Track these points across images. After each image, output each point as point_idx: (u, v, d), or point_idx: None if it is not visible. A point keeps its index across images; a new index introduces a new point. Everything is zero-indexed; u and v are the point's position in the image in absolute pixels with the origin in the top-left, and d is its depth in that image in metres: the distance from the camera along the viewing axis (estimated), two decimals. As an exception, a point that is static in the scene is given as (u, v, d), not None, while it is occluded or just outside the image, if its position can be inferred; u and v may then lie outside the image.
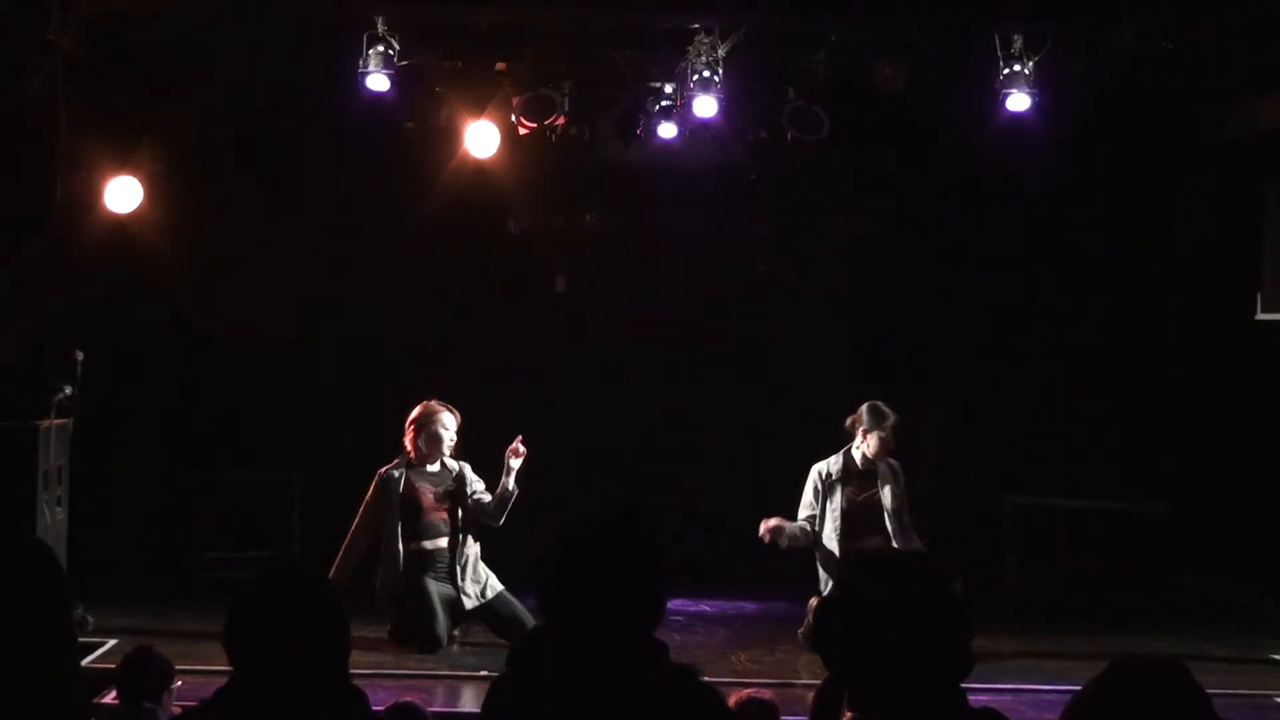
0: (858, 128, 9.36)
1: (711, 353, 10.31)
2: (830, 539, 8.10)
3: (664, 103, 9.19)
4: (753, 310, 10.29)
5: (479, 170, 9.55)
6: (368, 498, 8.05)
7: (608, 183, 10.11)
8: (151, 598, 8.82)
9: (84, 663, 6.81)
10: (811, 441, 8.80)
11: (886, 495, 8.04)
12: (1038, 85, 8.57)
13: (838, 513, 8.09)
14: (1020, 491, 9.74)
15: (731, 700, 4.66)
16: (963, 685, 2.71)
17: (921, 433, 9.16)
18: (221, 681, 2.91)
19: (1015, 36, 8.53)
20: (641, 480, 9.86)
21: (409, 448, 8.01)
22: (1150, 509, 9.58)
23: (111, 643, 7.59)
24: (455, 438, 8.02)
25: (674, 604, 8.99)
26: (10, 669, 2.82)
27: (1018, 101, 8.61)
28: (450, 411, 8.01)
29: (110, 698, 5.35)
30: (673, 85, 9.06)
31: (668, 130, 9.31)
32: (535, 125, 9.16)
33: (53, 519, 8.11)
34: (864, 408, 8.09)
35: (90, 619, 7.91)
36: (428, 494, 7.97)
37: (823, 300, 9.83)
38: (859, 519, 8.07)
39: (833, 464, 8.17)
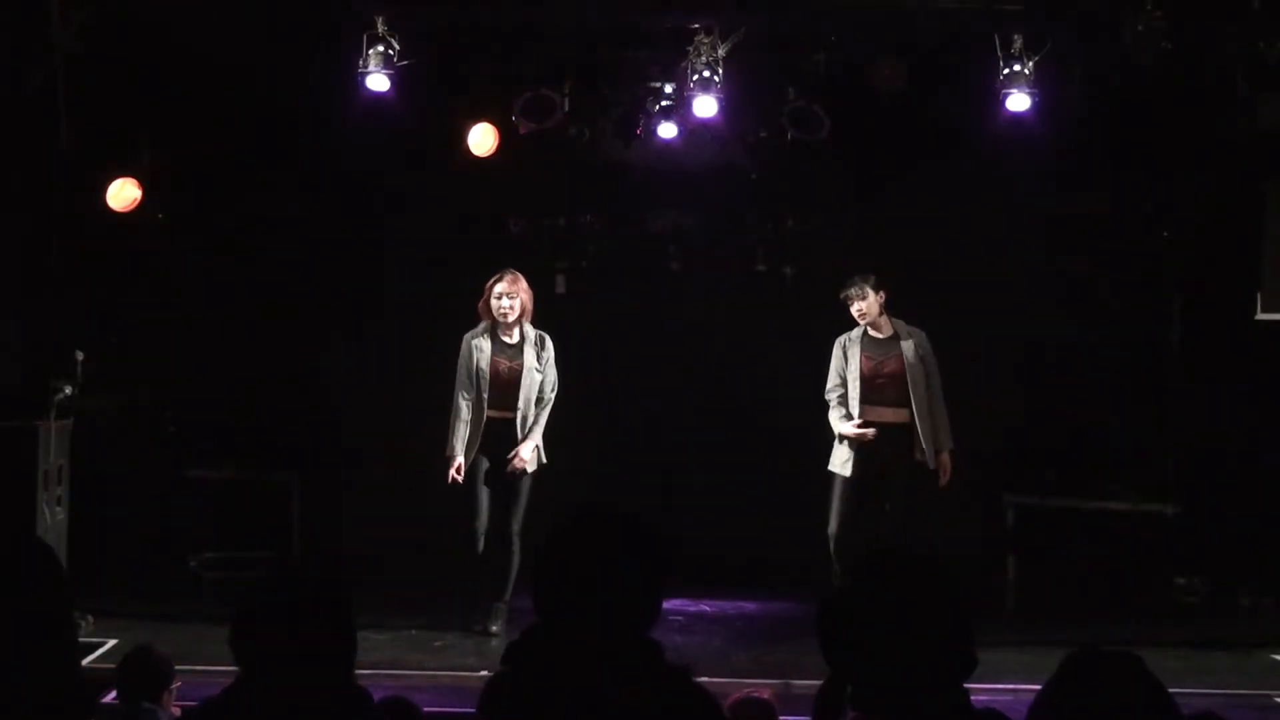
0: (858, 128, 9.36)
1: (711, 353, 10.32)
2: (853, 403, 8.53)
3: (664, 103, 9.19)
4: (753, 310, 10.29)
5: (479, 170, 9.55)
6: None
7: (608, 183, 10.11)
8: (151, 598, 8.82)
9: (84, 663, 6.80)
10: (812, 441, 8.82)
11: (905, 360, 8.46)
12: (1038, 85, 8.57)
13: (855, 377, 8.53)
14: (1020, 491, 9.73)
15: (729, 700, 4.66)
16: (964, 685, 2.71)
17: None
18: (222, 681, 2.91)
19: (1015, 36, 8.53)
20: (641, 479, 9.87)
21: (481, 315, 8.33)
22: (1150, 509, 9.58)
23: (111, 643, 7.60)
24: (523, 303, 8.23)
25: (674, 604, 8.99)
26: (11, 669, 2.82)
27: (1018, 101, 8.60)
28: (504, 280, 8.22)
29: (110, 698, 5.35)
30: (673, 85, 9.05)
31: (668, 130, 9.31)
32: (535, 125, 9.16)
33: (53, 519, 8.11)
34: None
35: (90, 619, 7.91)
36: (500, 364, 8.25)
37: (823, 300, 9.81)
38: (875, 386, 8.53)
39: (854, 332, 8.63)
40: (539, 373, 8.31)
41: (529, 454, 8.22)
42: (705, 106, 8.73)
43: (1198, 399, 9.82)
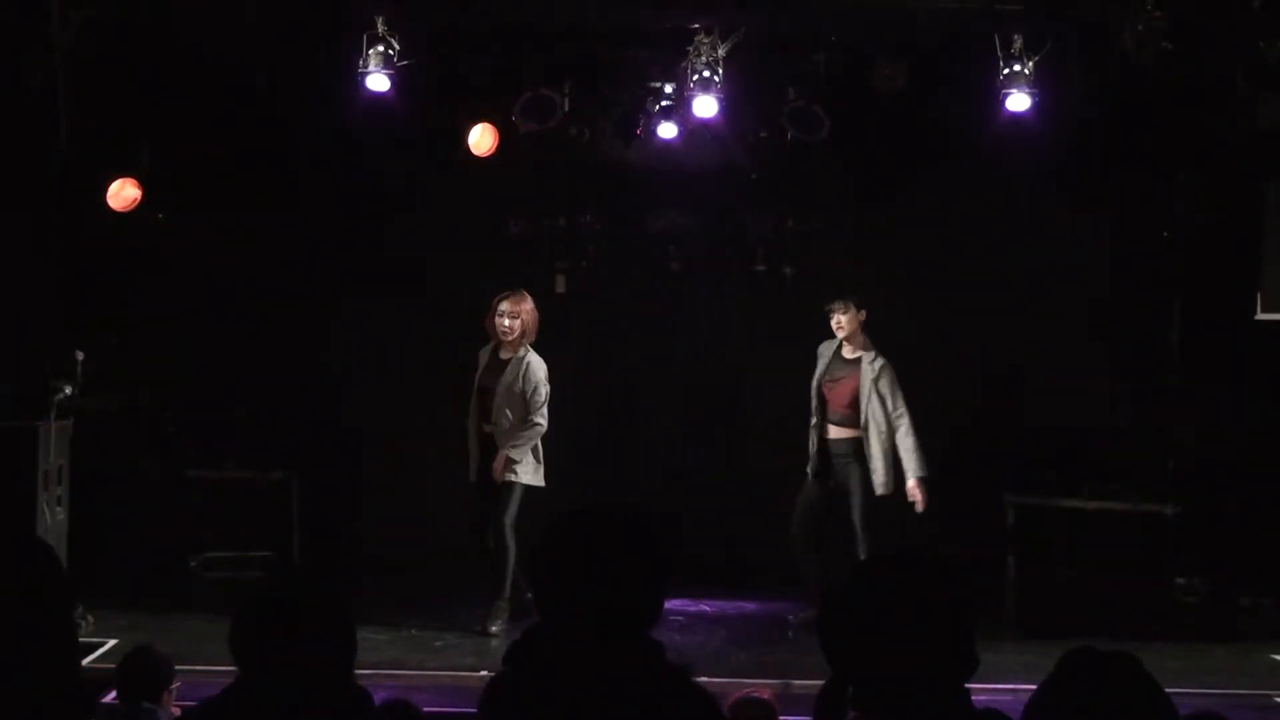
0: (858, 128, 9.36)
1: (711, 353, 10.31)
2: (814, 412, 8.85)
3: (664, 103, 9.19)
4: (752, 310, 10.29)
5: (479, 170, 9.55)
6: None
7: (608, 183, 10.10)
8: (151, 598, 8.83)
9: (84, 663, 6.80)
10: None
11: (860, 384, 8.66)
12: (1038, 85, 8.57)
13: (815, 390, 8.84)
14: (1020, 491, 9.73)
15: (729, 700, 4.66)
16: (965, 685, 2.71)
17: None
18: (222, 681, 2.91)
19: (1015, 36, 8.53)
20: (641, 479, 9.87)
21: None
22: (1150, 509, 9.57)
23: (111, 643, 7.61)
24: (524, 323, 8.49)
25: (674, 604, 8.99)
26: (11, 669, 2.81)
27: (1018, 101, 8.60)
28: (508, 299, 8.50)
29: (110, 698, 5.35)
30: (673, 85, 9.05)
31: (668, 130, 9.31)
32: (535, 125, 9.16)
33: (53, 519, 8.11)
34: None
35: (90, 619, 7.91)
36: (484, 379, 8.54)
37: (823, 300, 9.83)
38: (829, 403, 8.80)
39: (832, 343, 8.87)
40: (518, 392, 8.43)
41: (500, 463, 8.37)
42: (705, 106, 8.73)
43: (1198, 399, 9.82)
